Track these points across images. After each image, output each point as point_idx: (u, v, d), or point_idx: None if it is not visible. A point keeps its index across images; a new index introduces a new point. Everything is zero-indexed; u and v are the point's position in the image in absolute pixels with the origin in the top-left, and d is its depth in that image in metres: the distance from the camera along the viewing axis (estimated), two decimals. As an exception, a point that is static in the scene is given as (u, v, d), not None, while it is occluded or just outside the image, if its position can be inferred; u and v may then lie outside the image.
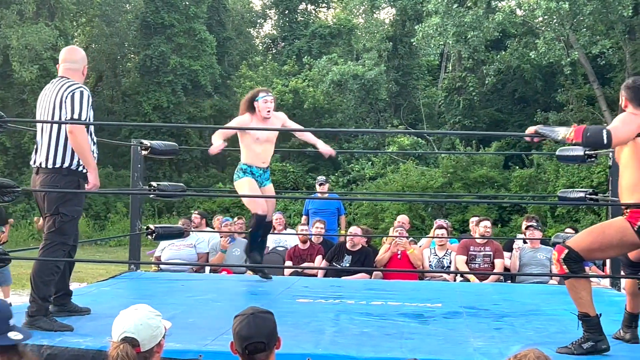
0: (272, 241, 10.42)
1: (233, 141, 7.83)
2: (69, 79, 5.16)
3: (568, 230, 9.32)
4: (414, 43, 24.60)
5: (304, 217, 10.94)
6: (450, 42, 22.99)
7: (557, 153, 7.39)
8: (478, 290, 7.41)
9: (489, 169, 21.93)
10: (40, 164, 5.08)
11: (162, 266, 8.92)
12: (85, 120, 5.04)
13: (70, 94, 5.03)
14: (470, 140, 23.77)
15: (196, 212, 10.28)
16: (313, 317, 5.43)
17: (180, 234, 7.75)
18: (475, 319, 5.59)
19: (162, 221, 21.93)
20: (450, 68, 27.32)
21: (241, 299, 6.55)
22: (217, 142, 6.78)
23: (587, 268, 9.22)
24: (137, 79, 27.76)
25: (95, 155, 5.25)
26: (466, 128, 25.46)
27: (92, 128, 5.22)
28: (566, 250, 4.43)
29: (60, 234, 5.01)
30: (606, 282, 7.71)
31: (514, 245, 9.09)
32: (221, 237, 9.07)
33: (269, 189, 7.32)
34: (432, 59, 29.34)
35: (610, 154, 7.24)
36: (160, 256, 9.14)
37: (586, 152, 6.96)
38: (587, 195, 7.04)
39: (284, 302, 6.20)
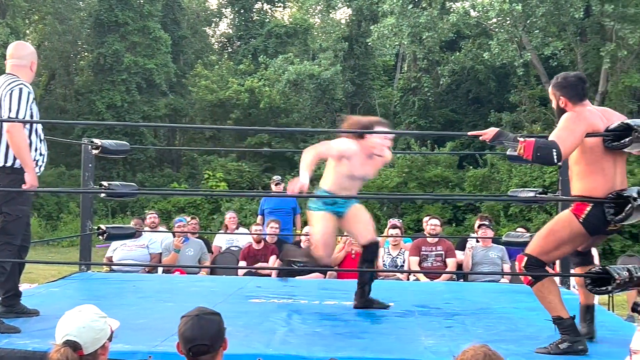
0: (224, 241, 10.40)
1: (189, 140, 7.75)
2: (13, 75, 5.07)
3: (520, 229, 9.43)
4: (370, 43, 24.68)
5: (259, 217, 10.91)
6: (406, 42, 23.11)
7: (507, 153, 7.44)
8: (430, 289, 7.46)
9: (444, 169, 22.13)
10: None
11: (114, 267, 8.82)
12: (24, 117, 4.95)
13: (9, 91, 4.94)
14: (425, 140, 23.94)
15: (152, 212, 10.17)
16: (265, 318, 5.42)
17: (132, 234, 7.68)
18: (427, 318, 5.64)
19: (116, 221, 21.69)
20: (405, 68, 27.46)
21: (193, 299, 6.49)
22: (306, 178, 5.47)
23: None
24: (91, 77, 27.42)
25: (45, 154, 5.18)
26: (421, 128, 25.62)
27: (38, 126, 5.14)
28: (525, 258, 4.51)
29: (4, 233, 4.93)
30: (556, 280, 7.80)
31: (467, 245, 9.17)
32: (175, 237, 9.00)
33: (354, 209, 6.01)
34: (388, 59, 29.46)
35: None
36: (111, 257, 9.04)
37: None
38: (536, 195, 7.13)
39: (236, 302, 6.18)
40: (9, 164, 4.94)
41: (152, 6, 27.17)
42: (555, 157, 4.22)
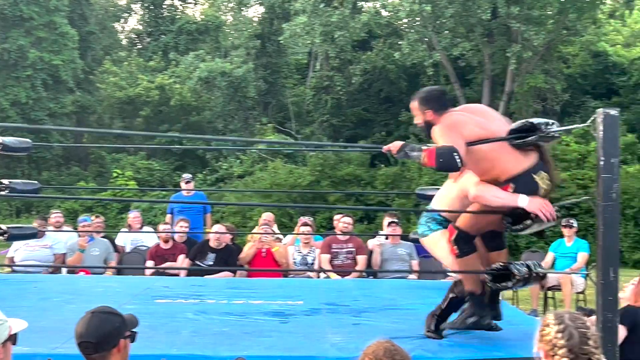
0: (129, 241, 10.19)
1: (98, 138, 7.53)
2: None
3: None
4: (282, 41, 24.65)
5: (168, 216, 10.72)
6: (318, 41, 23.16)
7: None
8: (340, 287, 7.46)
9: (356, 167, 22.25)
10: None
11: (15, 267, 8.51)
12: None
13: None
14: (338, 139, 24.07)
15: (57, 211, 9.87)
16: (171, 318, 5.32)
17: (34, 234, 7.38)
18: (335, 315, 5.63)
19: (21, 221, 21.00)
20: (318, 67, 27.52)
21: (98, 300, 6.28)
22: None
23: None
24: (-6, 72, 26.51)
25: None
26: (334, 127, 25.75)
27: None
28: (456, 232, 4.52)
29: None
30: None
31: (376, 242, 9.20)
32: (79, 236, 8.75)
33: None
34: (300, 58, 29.49)
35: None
36: (13, 257, 8.72)
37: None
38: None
39: (141, 302, 6.05)
40: None
41: (59, 1, 26.42)
42: (458, 161, 4.19)
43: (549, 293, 9.55)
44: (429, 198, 7.57)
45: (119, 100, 26.13)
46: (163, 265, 8.79)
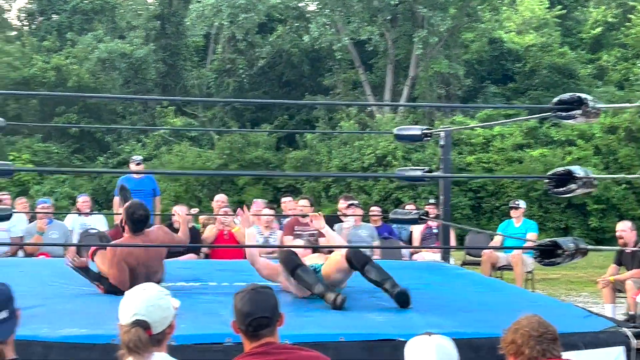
0: (78, 225, 9.89)
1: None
2: None
3: (409, 206, 9.75)
4: (187, 22, 24.29)
5: (116, 198, 10.42)
6: (225, 23, 22.95)
7: (394, 132, 7.68)
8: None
9: (264, 151, 22.25)
10: None
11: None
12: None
13: None
14: (244, 122, 23.98)
15: (5, 192, 9.44)
16: (189, 299, 5.24)
17: (9, 215, 7.05)
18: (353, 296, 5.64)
19: None
20: (220, 49, 27.22)
21: (80, 282, 6.08)
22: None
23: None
24: None
25: None
26: (237, 110, 25.61)
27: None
28: None
29: None
30: (438, 256, 8.17)
31: (343, 224, 9.24)
32: (38, 218, 8.44)
33: None
34: (198, 40, 29.10)
35: (442, 134, 7.68)
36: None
37: (423, 131, 7.34)
38: (424, 173, 7.39)
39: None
40: None
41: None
42: None
43: (498, 273, 9.91)
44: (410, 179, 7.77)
45: (13, 81, 24.95)
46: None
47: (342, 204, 9.67)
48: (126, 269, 5.47)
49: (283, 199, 10.41)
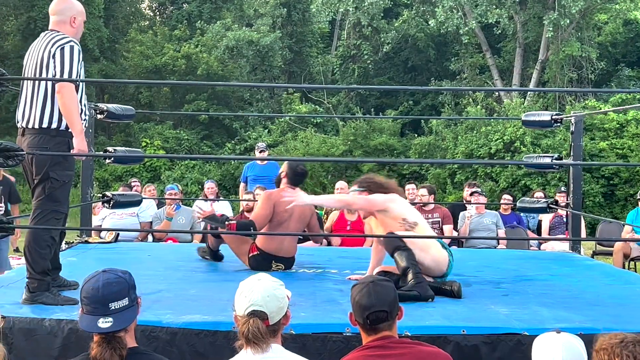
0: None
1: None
2: (58, 32, 4.72)
3: (537, 194, 9.48)
4: (313, 9, 24.40)
5: (242, 185, 10.61)
6: (350, 9, 22.91)
7: (522, 118, 7.44)
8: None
9: (388, 137, 22.11)
10: (27, 124, 4.62)
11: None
12: (77, 78, 4.60)
13: (59, 48, 4.59)
14: (369, 108, 23.91)
15: (136, 179, 9.76)
16: (317, 289, 5.24)
17: (139, 201, 7.29)
18: (477, 287, 5.49)
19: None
20: (345, 36, 27.25)
21: (216, 268, 6.24)
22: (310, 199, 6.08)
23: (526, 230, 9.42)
24: (19, 42, 26.18)
25: (87, 118, 4.83)
26: (361, 96, 25.59)
27: (82, 87, 4.78)
28: None
29: (51, 200, 4.58)
30: (566, 246, 7.86)
31: (466, 213, 9.07)
32: (167, 204, 8.65)
33: None
34: (324, 27, 29.22)
35: (573, 119, 7.37)
36: (101, 225, 8.63)
37: (553, 117, 7.06)
38: (553, 160, 7.10)
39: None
40: (54, 125, 4.59)
41: (83, -32, 26.03)
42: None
43: (632, 264, 9.47)
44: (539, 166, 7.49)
45: (146, 70, 25.83)
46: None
47: (466, 191, 9.48)
48: (271, 212, 6.02)
49: (407, 186, 10.32)
